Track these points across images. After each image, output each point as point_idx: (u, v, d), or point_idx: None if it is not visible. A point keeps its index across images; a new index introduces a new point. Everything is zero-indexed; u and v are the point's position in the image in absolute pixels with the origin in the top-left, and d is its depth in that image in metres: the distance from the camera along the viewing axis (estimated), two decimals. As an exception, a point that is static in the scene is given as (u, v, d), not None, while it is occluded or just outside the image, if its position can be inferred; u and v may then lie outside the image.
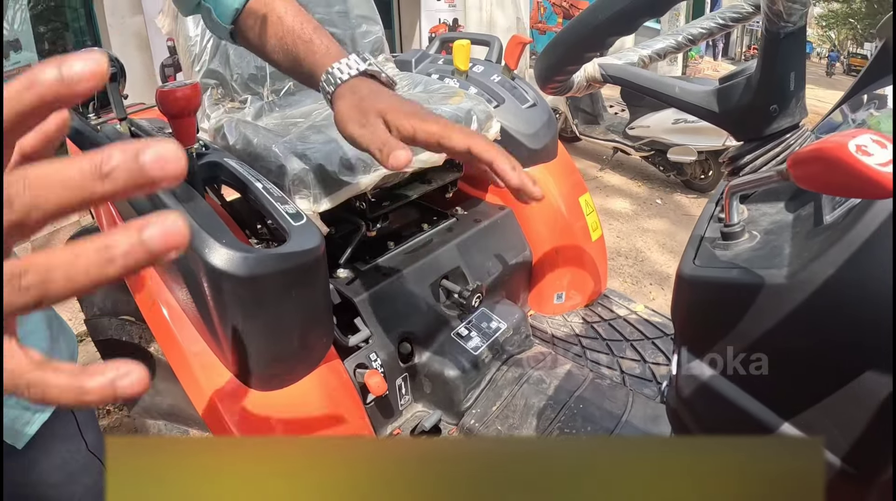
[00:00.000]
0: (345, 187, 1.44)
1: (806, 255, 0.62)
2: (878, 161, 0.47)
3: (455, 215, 1.99)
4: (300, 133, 1.51)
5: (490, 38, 2.36)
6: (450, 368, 1.62)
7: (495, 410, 1.60)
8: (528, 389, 1.64)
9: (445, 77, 2.07)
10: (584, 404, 1.58)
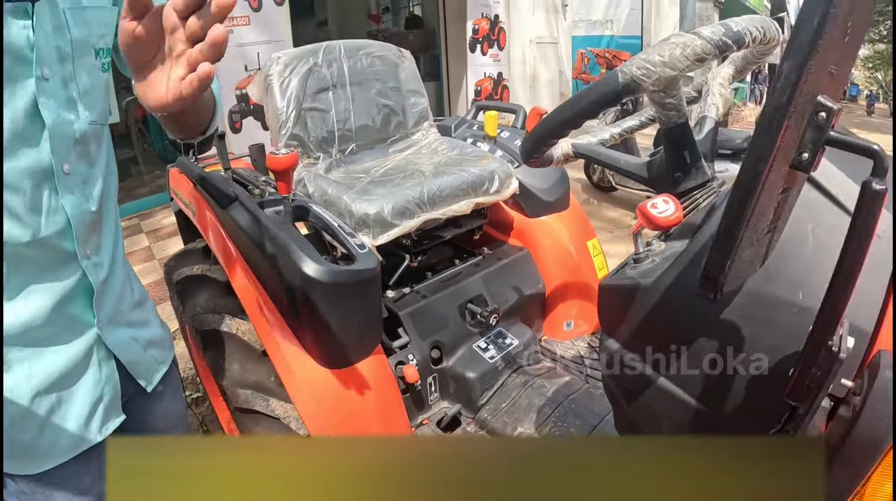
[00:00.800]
0: (396, 228, 1.92)
1: (665, 270, 1.04)
2: (660, 211, 0.94)
3: (481, 253, 2.44)
4: (363, 187, 2.01)
5: (516, 107, 2.82)
6: (470, 372, 2.05)
7: (504, 406, 2.02)
8: (532, 392, 2.05)
9: (478, 141, 2.55)
10: (576, 405, 1.98)
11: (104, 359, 1.17)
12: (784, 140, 0.55)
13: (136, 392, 1.26)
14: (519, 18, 10.06)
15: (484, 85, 9.35)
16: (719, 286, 0.64)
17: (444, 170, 2.17)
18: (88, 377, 1.14)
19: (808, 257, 0.80)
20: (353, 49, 2.41)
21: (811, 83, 0.54)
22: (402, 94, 2.51)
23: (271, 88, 2.18)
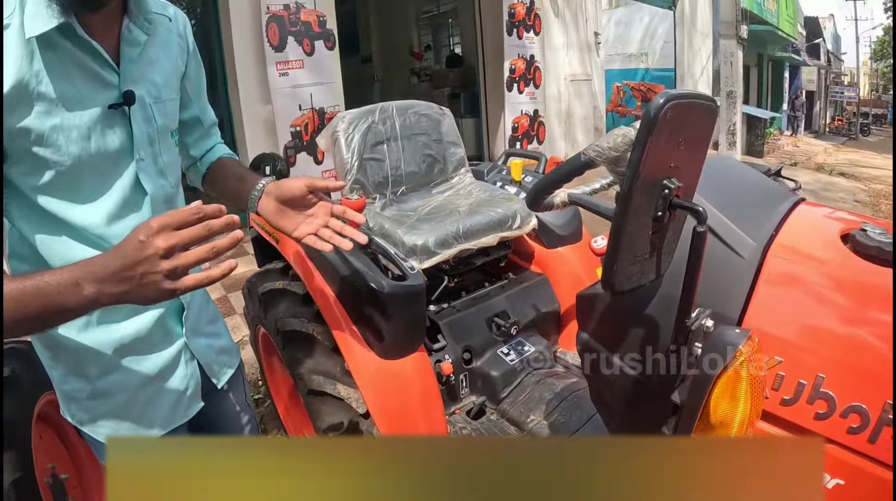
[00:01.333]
0: (437, 255, 2.44)
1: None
2: (599, 245, 1.44)
3: (506, 277, 2.93)
4: (412, 223, 2.53)
5: (538, 155, 3.32)
6: (494, 371, 2.53)
7: (521, 399, 2.49)
8: (543, 388, 2.51)
9: (506, 184, 3.06)
10: (578, 399, 2.43)
11: (189, 361, 1.46)
12: (636, 202, 1.04)
13: (210, 388, 1.54)
14: (554, 57, 10.38)
15: (521, 122, 9.65)
16: (611, 286, 1.13)
17: (477, 209, 2.68)
18: (178, 374, 1.43)
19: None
20: (402, 108, 2.95)
21: (652, 173, 1.04)
22: (443, 144, 3.04)
23: (338, 141, 2.72)
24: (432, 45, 14.52)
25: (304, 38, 6.76)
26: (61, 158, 1.15)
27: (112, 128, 1.23)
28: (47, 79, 1.11)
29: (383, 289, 2.01)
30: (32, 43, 1.08)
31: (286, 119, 6.74)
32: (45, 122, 1.11)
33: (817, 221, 1.53)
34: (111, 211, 1.25)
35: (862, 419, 1.14)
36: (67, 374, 1.34)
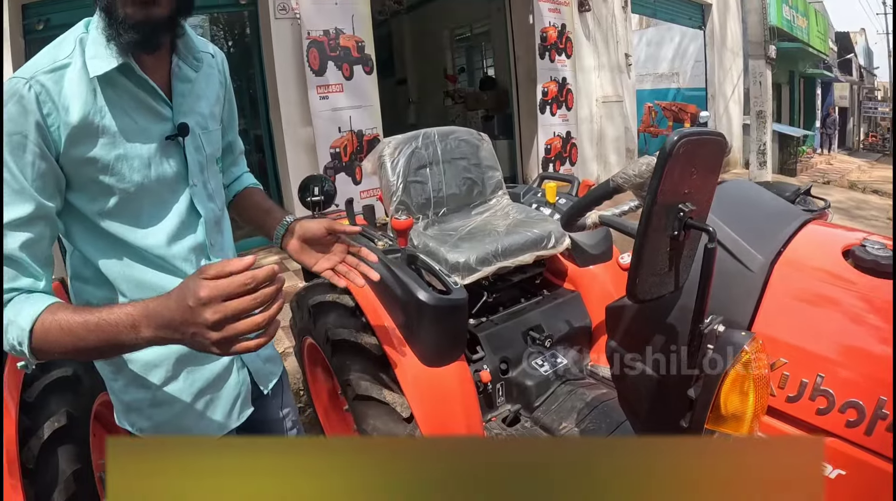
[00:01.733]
0: (478, 272, 2.63)
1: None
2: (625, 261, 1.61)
3: (541, 294, 3.11)
4: (454, 242, 2.73)
5: (571, 178, 3.49)
6: (529, 381, 2.69)
7: (553, 407, 2.65)
8: (575, 397, 2.67)
9: (541, 206, 3.24)
10: (607, 408, 2.58)
11: (240, 369, 1.57)
12: (655, 223, 1.22)
13: (258, 394, 1.64)
14: (585, 80, 10.54)
15: (553, 144, 9.82)
16: (634, 296, 1.30)
17: (514, 230, 2.86)
18: (231, 381, 1.54)
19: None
20: (443, 134, 3.15)
21: (668, 198, 1.21)
22: (481, 168, 3.24)
23: (384, 165, 2.92)
24: (466, 68, 14.69)
25: (343, 62, 7.04)
26: (125, 185, 1.29)
27: (169, 157, 1.37)
28: (110, 114, 1.25)
29: (429, 302, 2.20)
30: (95, 82, 1.22)
31: (326, 141, 7.01)
32: (110, 152, 1.25)
33: (822, 238, 1.69)
34: (170, 233, 1.39)
35: (859, 414, 1.30)
36: (129, 385, 1.44)
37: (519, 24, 9.86)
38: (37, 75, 1.18)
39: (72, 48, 1.24)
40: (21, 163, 1.16)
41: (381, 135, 7.41)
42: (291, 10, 6.92)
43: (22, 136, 1.15)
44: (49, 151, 1.19)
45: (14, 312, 1.12)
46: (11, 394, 2.01)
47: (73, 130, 1.20)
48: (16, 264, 1.16)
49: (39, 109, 1.17)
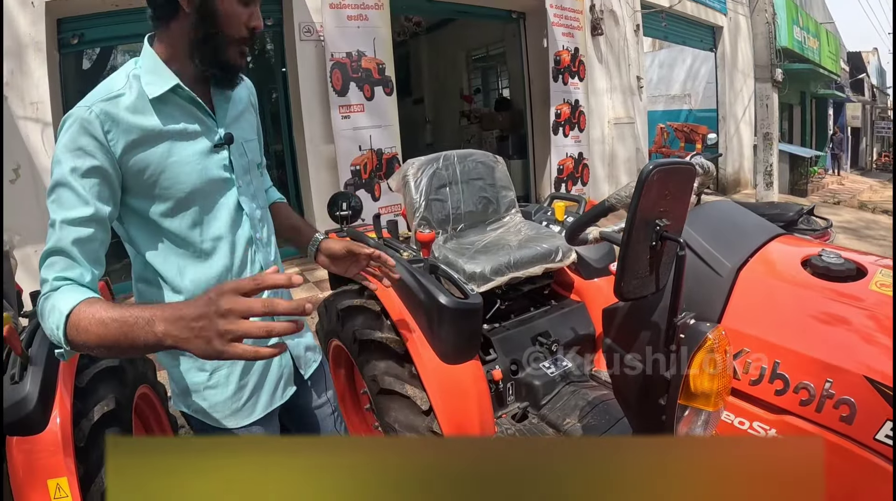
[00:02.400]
0: (492, 281, 2.92)
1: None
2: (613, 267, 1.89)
3: (549, 303, 3.38)
4: (471, 254, 3.02)
5: (579, 198, 3.78)
6: (536, 381, 2.95)
7: (559, 406, 2.89)
8: (578, 397, 2.91)
9: (550, 224, 3.53)
10: (607, 406, 2.80)
11: (284, 353, 1.73)
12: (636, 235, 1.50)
13: (299, 380, 1.85)
14: (598, 101, 10.75)
15: (566, 164, 9.96)
16: (620, 294, 1.56)
17: (525, 244, 3.15)
18: (275, 364, 1.73)
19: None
20: (462, 156, 3.46)
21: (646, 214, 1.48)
22: (496, 188, 3.54)
23: (408, 183, 3.22)
24: (482, 89, 14.90)
25: (364, 83, 7.32)
26: (181, 187, 1.49)
27: (217, 162, 1.58)
28: (165, 127, 1.47)
29: (449, 305, 2.47)
30: (151, 102, 1.46)
31: (347, 158, 7.27)
32: (167, 159, 1.47)
33: (785, 249, 1.97)
34: (222, 229, 1.59)
35: (809, 394, 1.57)
36: (188, 370, 1.63)
37: (533, 47, 10.13)
38: (96, 103, 1.41)
39: (125, 81, 1.47)
40: (82, 172, 1.36)
41: (399, 154, 7.72)
42: (316, 32, 7.27)
43: (83, 150, 1.37)
44: (108, 162, 1.40)
45: (60, 298, 1.26)
46: (66, 381, 2.25)
47: (132, 143, 1.42)
48: (68, 257, 1.33)
49: (100, 128, 1.38)
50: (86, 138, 1.37)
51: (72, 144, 1.37)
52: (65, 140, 1.37)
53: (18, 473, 2.02)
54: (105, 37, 7.08)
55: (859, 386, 1.49)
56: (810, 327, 1.69)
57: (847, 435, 1.50)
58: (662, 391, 1.66)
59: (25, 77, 5.90)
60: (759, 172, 10.49)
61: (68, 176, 1.35)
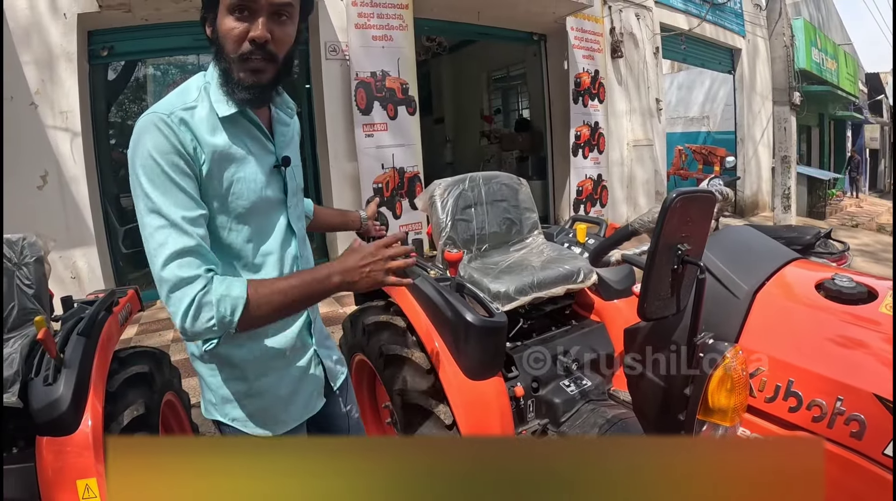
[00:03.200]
0: (515, 301, 3.01)
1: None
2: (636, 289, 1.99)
3: (570, 323, 3.46)
4: (496, 274, 3.11)
5: (599, 220, 3.88)
6: (556, 399, 3.01)
7: (578, 423, 2.94)
8: (597, 415, 2.95)
9: (572, 246, 3.62)
10: (626, 424, 2.83)
11: (317, 365, 1.82)
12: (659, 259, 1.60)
13: (328, 390, 1.89)
14: (617, 124, 10.90)
15: (585, 186, 10.10)
16: (643, 315, 1.66)
17: (547, 265, 3.24)
18: (310, 376, 1.79)
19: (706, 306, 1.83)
20: (487, 178, 3.56)
21: (669, 240, 1.59)
22: (520, 210, 3.65)
23: (435, 204, 3.33)
24: (502, 109, 14.98)
25: (388, 103, 7.48)
26: (242, 202, 1.54)
27: (273, 182, 1.64)
28: (233, 144, 1.53)
29: (476, 323, 2.56)
30: (221, 120, 1.52)
31: (370, 176, 7.43)
32: (234, 174, 1.52)
33: (800, 273, 2.05)
34: (273, 245, 1.65)
35: (822, 411, 1.66)
36: (228, 379, 1.67)
37: (554, 69, 10.29)
38: (175, 111, 1.45)
39: (197, 94, 1.53)
40: (180, 173, 1.42)
41: (421, 173, 7.85)
42: (341, 52, 7.47)
43: (175, 152, 1.41)
44: (193, 168, 1.45)
45: (223, 287, 1.39)
46: (97, 384, 2.34)
47: (208, 154, 1.47)
48: (203, 252, 1.42)
49: (184, 135, 1.43)
50: (175, 142, 1.42)
51: (161, 149, 1.41)
52: (153, 143, 1.41)
53: (47, 472, 2.10)
54: (134, 50, 7.34)
55: (869, 403, 1.57)
56: (823, 347, 1.77)
57: (857, 450, 1.57)
58: (682, 407, 1.74)
59: (56, 87, 6.15)
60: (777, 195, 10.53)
61: (173, 174, 1.41)
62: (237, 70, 1.49)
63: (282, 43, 1.52)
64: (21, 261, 2.83)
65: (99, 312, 2.69)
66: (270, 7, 1.46)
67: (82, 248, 6.39)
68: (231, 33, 1.47)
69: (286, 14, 1.51)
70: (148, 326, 6.39)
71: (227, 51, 1.49)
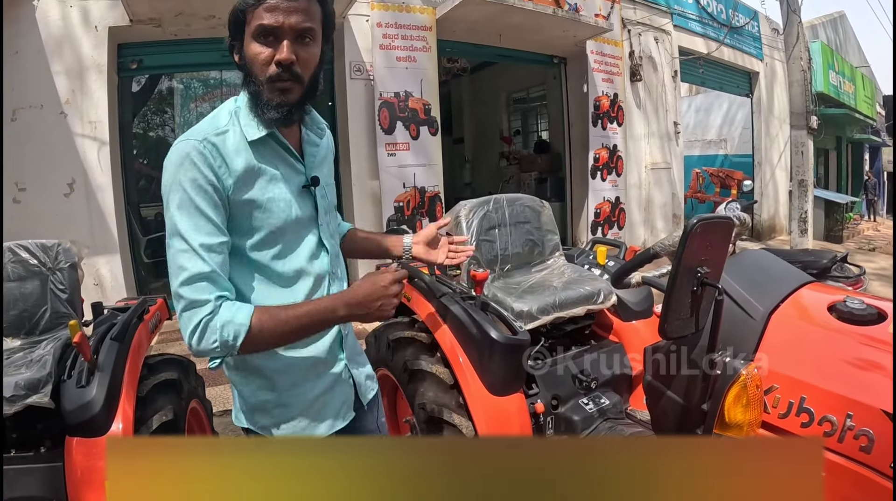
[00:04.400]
0: (538, 320, 3.10)
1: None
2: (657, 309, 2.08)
3: (590, 343, 3.53)
4: (519, 294, 3.21)
5: (619, 243, 3.98)
6: (575, 417, 3.08)
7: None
8: (614, 432, 2.99)
9: (592, 267, 3.71)
10: None
11: (347, 378, 1.84)
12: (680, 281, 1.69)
13: (358, 405, 1.90)
14: (635, 146, 10.95)
15: (603, 208, 10.16)
16: (664, 333, 1.76)
17: (568, 286, 3.33)
18: (340, 388, 1.81)
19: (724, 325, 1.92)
20: (511, 200, 3.66)
21: (689, 263, 1.68)
22: (542, 232, 3.75)
23: (460, 224, 3.43)
24: (521, 131, 15.08)
25: (410, 123, 7.62)
26: (273, 221, 1.60)
27: (304, 201, 1.69)
28: (262, 166, 1.59)
29: (501, 340, 2.66)
30: (250, 143, 1.58)
31: (391, 195, 7.55)
32: (264, 195, 1.58)
33: (814, 295, 2.15)
34: (303, 263, 1.69)
35: (832, 426, 1.75)
36: (259, 389, 1.71)
37: (574, 91, 10.38)
38: (208, 137, 1.53)
39: (228, 119, 1.60)
40: (207, 201, 1.49)
41: (441, 192, 7.97)
42: (366, 71, 7.60)
43: (205, 180, 1.49)
44: (221, 194, 1.52)
45: (229, 314, 1.47)
46: (129, 389, 2.41)
47: (237, 178, 1.54)
48: (216, 278, 1.49)
49: (214, 161, 1.51)
50: (205, 169, 1.50)
51: (191, 175, 1.49)
52: (184, 169, 1.49)
53: (76, 473, 2.16)
54: (162, 64, 7.56)
55: (877, 419, 1.66)
56: (834, 365, 1.86)
57: (866, 464, 1.66)
58: (699, 422, 1.84)
59: (86, 97, 6.33)
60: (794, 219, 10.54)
61: (200, 203, 1.49)
62: (266, 92, 1.56)
63: (307, 64, 1.60)
64: (56, 266, 2.94)
65: (132, 318, 2.79)
66: (293, 31, 1.53)
67: (106, 256, 6.51)
68: (258, 58, 1.55)
69: (309, 36, 1.58)
70: (168, 335, 6.37)
71: (255, 74, 1.57)
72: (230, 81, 7.94)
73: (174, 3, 6.35)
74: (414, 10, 7.87)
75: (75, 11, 6.31)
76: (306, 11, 1.54)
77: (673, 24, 11.90)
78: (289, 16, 1.51)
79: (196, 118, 7.38)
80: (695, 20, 12.61)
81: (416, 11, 7.88)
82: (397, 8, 7.73)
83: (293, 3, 1.52)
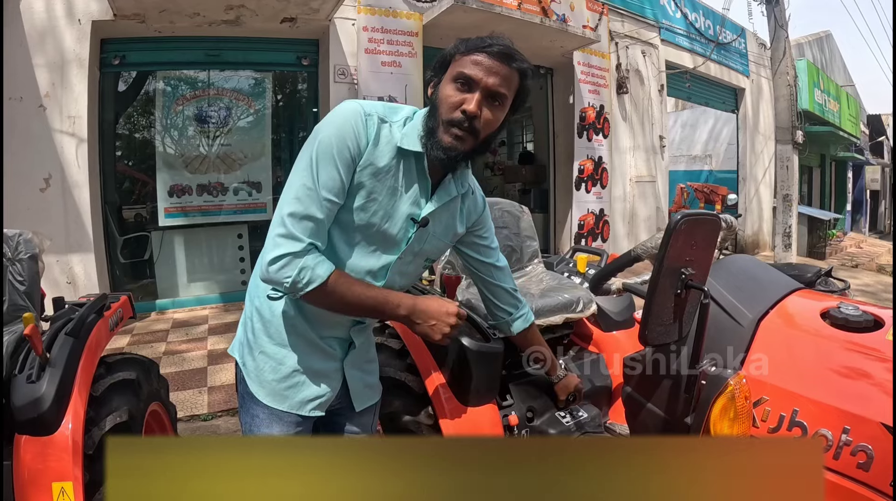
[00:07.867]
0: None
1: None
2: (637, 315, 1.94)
3: (568, 353, 3.37)
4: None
5: (601, 251, 3.84)
6: (552, 430, 2.90)
7: None
8: None
9: (572, 275, 3.58)
10: None
11: (338, 379, 1.91)
12: (662, 283, 1.56)
13: (350, 406, 1.97)
14: (620, 159, 10.91)
15: (587, 220, 10.12)
16: (645, 341, 1.62)
17: (547, 294, 3.17)
18: (325, 383, 1.86)
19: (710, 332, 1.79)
20: (490, 204, 3.45)
21: (673, 264, 1.56)
22: (521, 238, 3.58)
23: (436, 228, 3.29)
24: (506, 141, 15.02)
25: (394, 128, 7.43)
26: (363, 217, 1.69)
27: (403, 229, 1.76)
28: (393, 172, 1.69)
29: (472, 347, 2.52)
30: (399, 149, 1.68)
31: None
32: (375, 192, 1.67)
33: (805, 302, 2.02)
34: (361, 267, 1.76)
35: (827, 442, 1.61)
36: (256, 329, 1.84)
37: (559, 103, 10.35)
38: (374, 114, 1.66)
39: (401, 118, 1.71)
40: (344, 164, 1.60)
41: (425, 200, 7.78)
42: (350, 75, 7.51)
43: (354, 144, 1.61)
44: (353, 165, 1.63)
45: (313, 261, 1.59)
46: (81, 387, 2.31)
47: (370, 163, 1.65)
48: (320, 227, 1.61)
49: (368, 135, 1.63)
50: (360, 136, 1.63)
51: (348, 131, 1.62)
52: (340, 126, 1.62)
53: (23, 472, 2.08)
54: (145, 61, 7.44)
55: (876, 433, 1.53)
56: (829, 376, 1.74)
57: (864, 483, 1.54)
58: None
59: (66, 91, 6.25)
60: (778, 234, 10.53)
61: (338, 161, 1.60)
62: (442, 131, 1.64)
63: (488, 124, 1.68)
64: (15, 257, 2.81)
65: (89, 314, 2.67)
66: (487, 90, 1.63)
67: (80, 254, 6.43)
68: (449, 100, 1.64)
69: (499, 101, 1.67)
70: (141, 337, 6.45)
71: (440, 112, 1.66)
72: (217, 83, 7.74)
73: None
74: (401, 15, 7.83)
75: (59, 3, 6.26)
76: (506, 78, 1.65)
77: (660, 39, 11.91)
78: (489, 75, 1.62)
79: (182, 120, 7.53)
80: (682, 35, 12.65)
81: (403, 17, 7.85)
82: (384, 12, 7.69)
83: (498, 65, 1.63)
